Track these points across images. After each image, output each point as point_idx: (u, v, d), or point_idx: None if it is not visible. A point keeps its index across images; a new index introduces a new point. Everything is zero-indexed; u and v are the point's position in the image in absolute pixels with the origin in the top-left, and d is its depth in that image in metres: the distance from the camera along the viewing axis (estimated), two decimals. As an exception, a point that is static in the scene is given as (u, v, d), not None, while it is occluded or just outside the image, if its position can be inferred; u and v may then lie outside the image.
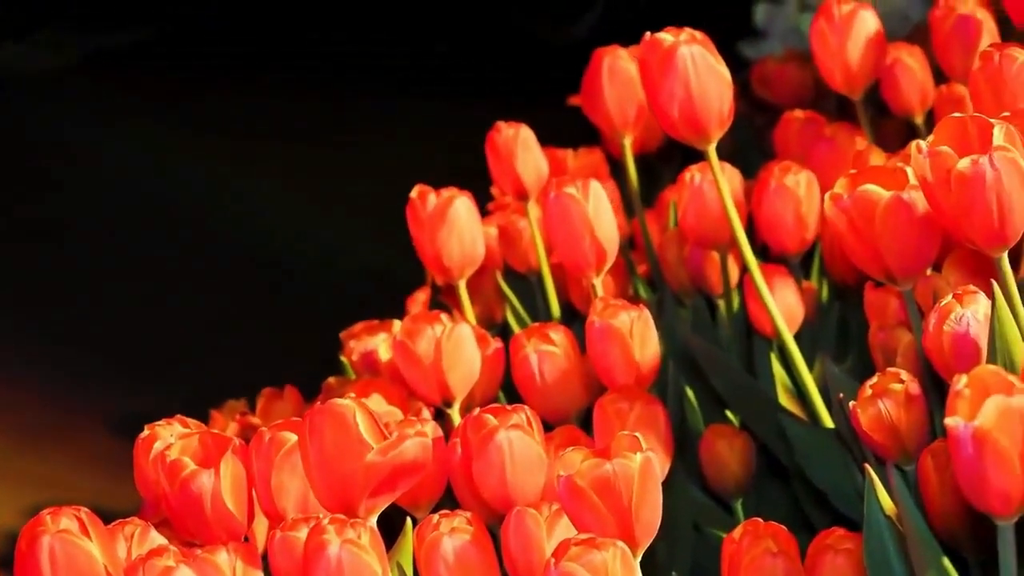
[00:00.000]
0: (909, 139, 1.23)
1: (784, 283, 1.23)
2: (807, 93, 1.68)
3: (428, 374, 1.14)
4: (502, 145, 1.31)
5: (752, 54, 2.00)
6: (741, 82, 1.84)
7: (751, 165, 1.46)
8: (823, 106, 1.63)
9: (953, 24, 1.24)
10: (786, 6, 2.07)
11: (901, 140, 1.43)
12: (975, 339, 0.95)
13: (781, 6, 2.07)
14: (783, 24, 2.05)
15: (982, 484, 0.78)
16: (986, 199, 0.92)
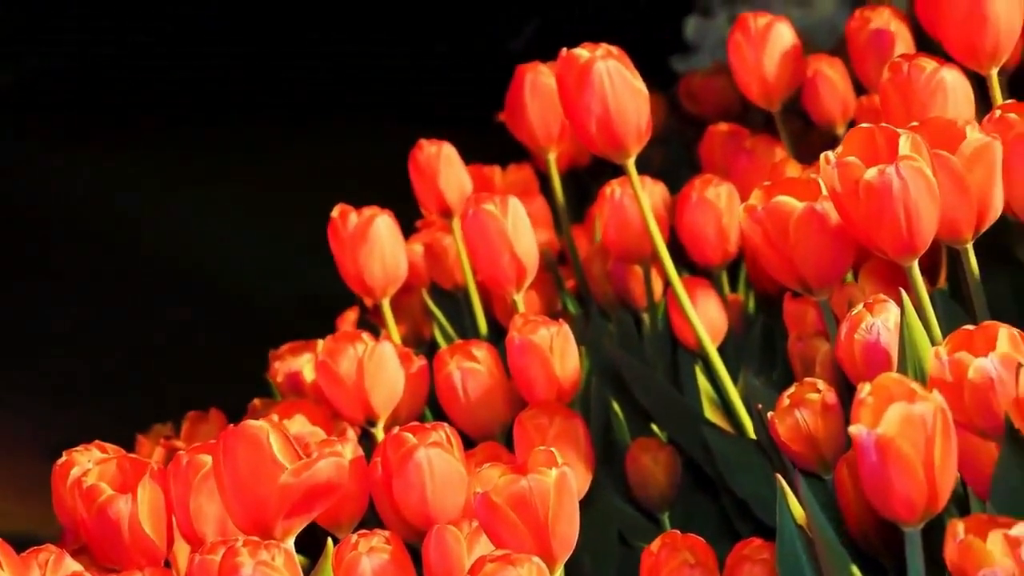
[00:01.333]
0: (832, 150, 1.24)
1: (707, 296, 1.23)
2: (734, 106, 1.69)
3: (351, 394, 1.14)
4: (424, 163, 1.31)
5: (683, 68, 2.01)
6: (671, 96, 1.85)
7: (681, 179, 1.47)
8: (750, 119, 1.64)
9: (868, 36, 1.25)
10: (716, 20, 2.08)
11: (825, 151, 1.44)
12: (886, 347, 0.96)
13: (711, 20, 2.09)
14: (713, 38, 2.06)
15: (887, 491, 0.79)
16: (894, 209, 0.93)
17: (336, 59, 2.50)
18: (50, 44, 2.51)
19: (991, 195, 0.98)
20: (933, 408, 0.78)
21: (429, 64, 2.43)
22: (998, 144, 0.97)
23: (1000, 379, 0.84)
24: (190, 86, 2.38)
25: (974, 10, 1.05)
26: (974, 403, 0.86)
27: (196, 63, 2.40)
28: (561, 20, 2.42)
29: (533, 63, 1.35)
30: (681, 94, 1.75)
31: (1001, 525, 0.78)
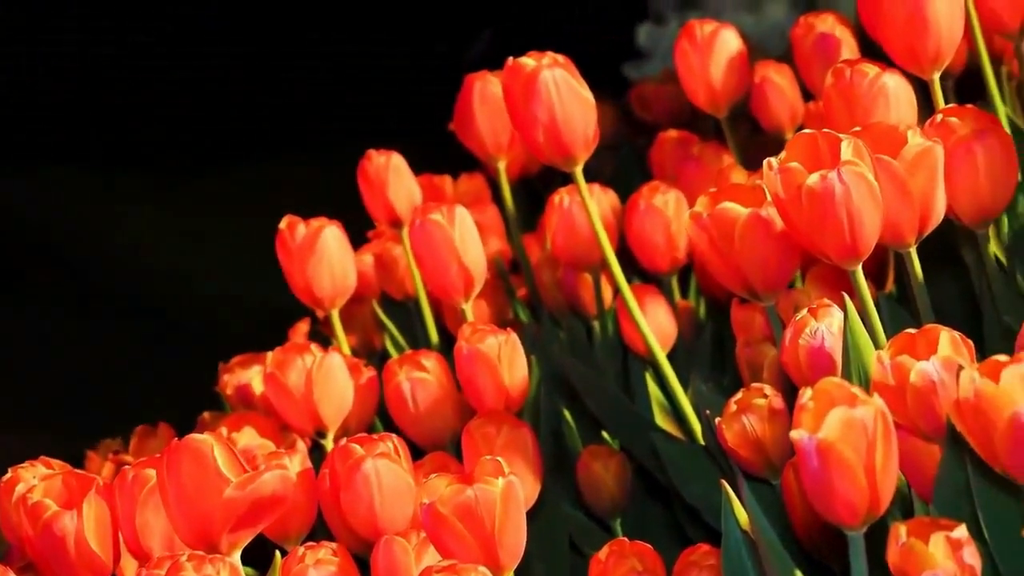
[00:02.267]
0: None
1: (656, 303, 1.23)
2: (685, 113, 1.69)
3: (300, 405, 1.13)
4: (373, 173, 1.31)
5: (636, 75, 2.02)
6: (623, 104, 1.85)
7: (633, 186, 1.47)
8: (701, 126, 1.64)
9: (814, 42, 1.25)
10: (668, 27, 2.09)
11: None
12: (830, 352, 0.96)
13: (664, 27, 2.09)
14: (666, 45, 2.07)
15: (829, 495, 0.79)
16: (836, 214, 0.94)
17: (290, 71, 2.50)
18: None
19: (933, 199, 0.98)
20: (873, 412, 0.79)
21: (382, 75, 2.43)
22: (939, 148, 0.98)
23: (942, 382, 0.85)
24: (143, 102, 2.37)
25: (915, 15, 1.05)
26: (916, 406, 0.86)
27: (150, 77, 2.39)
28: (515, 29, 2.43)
29: (482, 72, 1.35)
30: (633, 101, 1.75)
31: (943, 527, 0.79)
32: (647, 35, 2.09)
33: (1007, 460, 0.79)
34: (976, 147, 1.00)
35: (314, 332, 1.46)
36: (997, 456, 0.80)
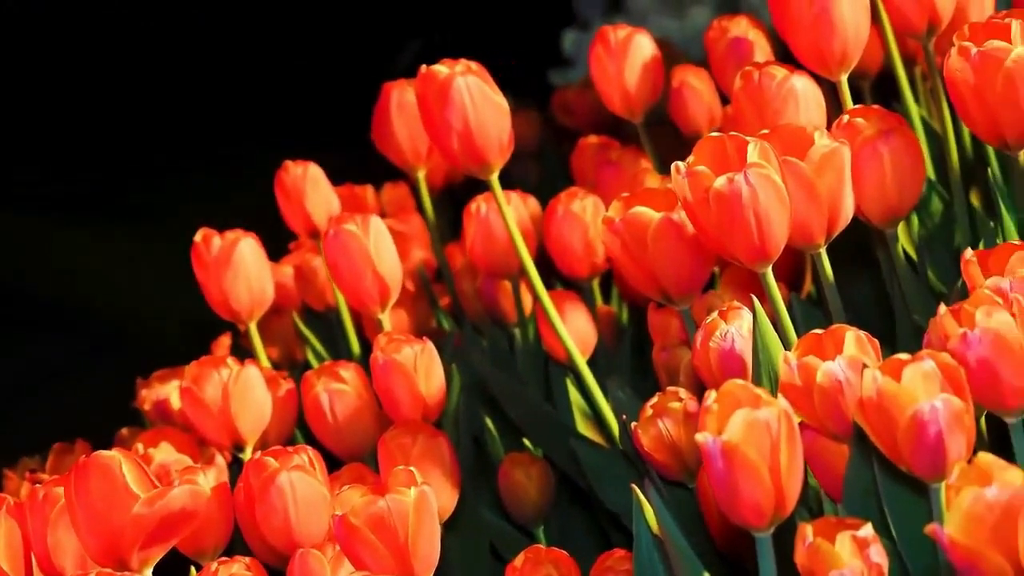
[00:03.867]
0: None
1: (575, 309, 1.23)
2: (607, 118, 1.69)
3: (217, 419, 1.13)
4: (291, 184, 1.31)
5: (561, 82, 2.02)
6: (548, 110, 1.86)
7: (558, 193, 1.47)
8: (624, 131, 1.65)
9: (727, 45, 1.26)
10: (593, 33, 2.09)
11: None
12: (740, 354, 0.96)
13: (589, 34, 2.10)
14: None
15: (735, 497, 0.79)
16: (744, 216, 0.94)
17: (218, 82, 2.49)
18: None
19: (841, 199, 0.99)
20: (777, 413, 0.79)
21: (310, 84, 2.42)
22: (846, 149, 0.98)
23: (848, 382, 0.85)
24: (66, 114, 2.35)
25: (821, 17, 1.06)
26: (823, 406, 0.86)
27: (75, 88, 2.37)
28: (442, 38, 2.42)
29: (399, 81, 1.35)
30: (555, 108, 1.75)
31: (849, 527, 0.79)
32: (572, 42, 2.10)
33: (910, 458, 0.80)
34: (882, 147, 1.01)
35: (236, 345, 1.45)
36: (901, 454, 0.80)
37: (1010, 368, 0.82)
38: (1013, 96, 0.97)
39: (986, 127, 1.00)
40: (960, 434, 0.79)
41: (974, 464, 0.75)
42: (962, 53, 0.98)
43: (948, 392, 0.79)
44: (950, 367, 0.80)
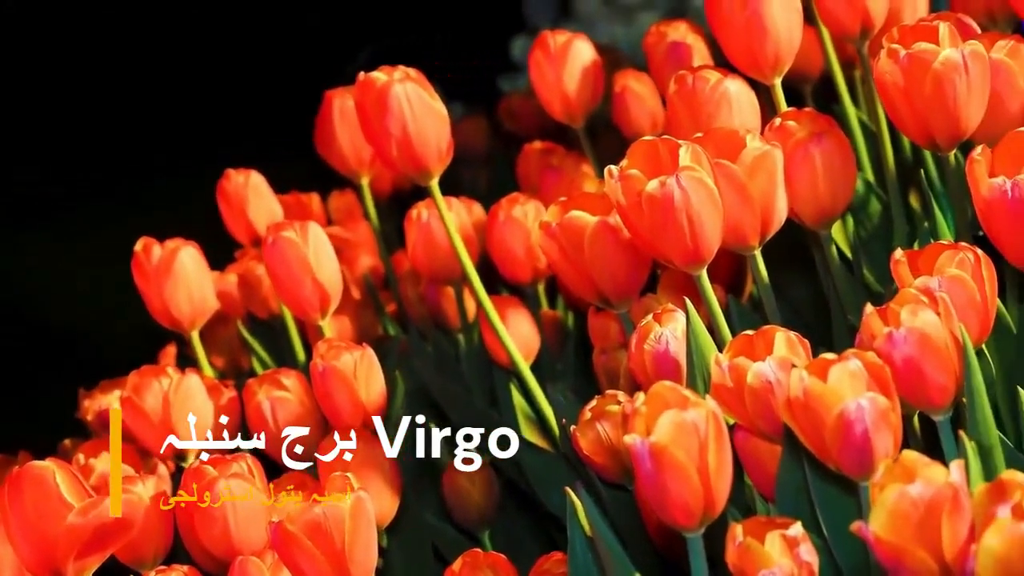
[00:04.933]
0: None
1: (518, 313, 1.24)
2: (554, 124, 1.70)
3: (157, 429, 1.13)
4: (233, 193, 1.31)
5: (510, 88, 2.02)
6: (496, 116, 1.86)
7: (505, 198, 1.47)
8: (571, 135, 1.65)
9: (666, 50, 1.26)
10: (543, 40, 2.09)
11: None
12: (675, 356, 0.97)
13: (537, 40, 2.10)
14: (540, 57, 2.07)
15: (664, 498, 0.80)
16: (677, 219, 0.95)
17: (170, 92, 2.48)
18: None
19: (774, 201, 0.99)
20: (705, 414, 0.80)
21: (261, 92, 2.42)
22: (778, 152, 0.99)
23: (778, 382, 0.86)
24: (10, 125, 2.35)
25: (753, 21, 1.07)
26: (754, 407, 0.87)
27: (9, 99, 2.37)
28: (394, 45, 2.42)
29: (340, 88, 1.35)
30: (502, 113, 1.76)
31: (779, 526, 0.80)
32: (521, 48, 2.10)
33: (838, 456, 0.80)
34: (813, 149, 1.02)
35: (183, 355, 1.45)
36: (829, 453, 0.81)
37: (935, 366, 0.83)
38: (941, 98, 0.98)
39: (916, 129, 1.01)
40: (886, 432, 0.80)
41: (899, 462, 0.76)
42: (891, 56, 0.99)
43: (874, 391, 0.80)
44: (876, 366, 0.81)
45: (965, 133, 1.00)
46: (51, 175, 2.26)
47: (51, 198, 2.22)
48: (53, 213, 2.21)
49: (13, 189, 2.21)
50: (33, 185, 2.23)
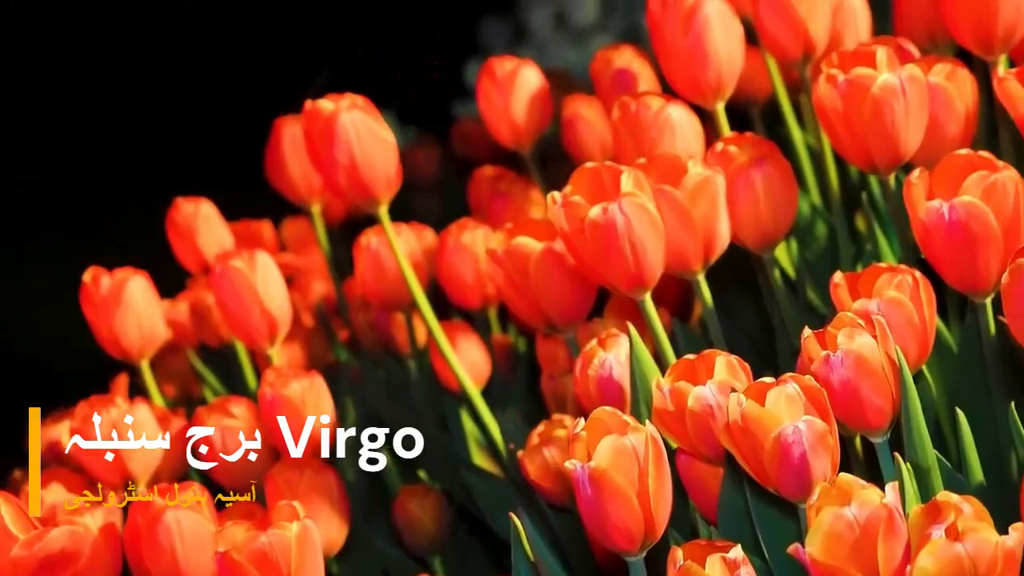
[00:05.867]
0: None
1: (468, 339, 1.24)
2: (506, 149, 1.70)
3: (107, 459, 1.12)
4: (182, 222, 1.31)
5: (464, 113, 2.03)
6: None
7: (459, 223, 1.48)
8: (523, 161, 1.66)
9: (612, 76, 1.27)
10: (497, 65, 2.10)
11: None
12: (618, 381, 0.97)
13: (492, 65, 2.11)
14: (494, 82, 2.08)
15: (605, 522, 0.80)
16: (619, 245, 0.95)
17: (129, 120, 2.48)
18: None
19: (716, 226, 1.00)
20: (644, 439, 0.80)
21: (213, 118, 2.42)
22: (720, 177, 1.00)
23: (719, 406, 0.86)
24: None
25: (694, 48, 1.08)
26: (696, 431, 0.87)
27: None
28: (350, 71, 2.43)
29: (290, 116, 1.35)
30: (454, 138, 1.77)
31: (719, 549, 0.80)
32: (475, 73, 2.10)
33: (777, 479, 0.81)
34: (755, 174, 1.03)
35: (136, 384, 1.45)
36: (768, 476, 0.81)
37: (872, 389, 0.84)
38: (880, 122, 0.99)
39: (856, 152, 1.02)
40: (824, 455, 0.80)
41: (835, 484, 0.77)
42: (830, 81, 1.00)
43: (812, 414, 0.81)
44: (813, 389, 0.82)
45: (904, 156, 1.01)
46: (7, 205, 2.26)
47: (7, 228, 2.21)
48: (10, 242, 2.20)
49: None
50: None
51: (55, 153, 2.33)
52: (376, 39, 2.39)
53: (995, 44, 1.03)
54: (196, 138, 2.45)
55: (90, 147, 2.34)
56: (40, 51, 2.36)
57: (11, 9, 2.32)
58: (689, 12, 1.08)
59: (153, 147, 2.44)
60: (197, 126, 2.48)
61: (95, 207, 2.23)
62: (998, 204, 0.91)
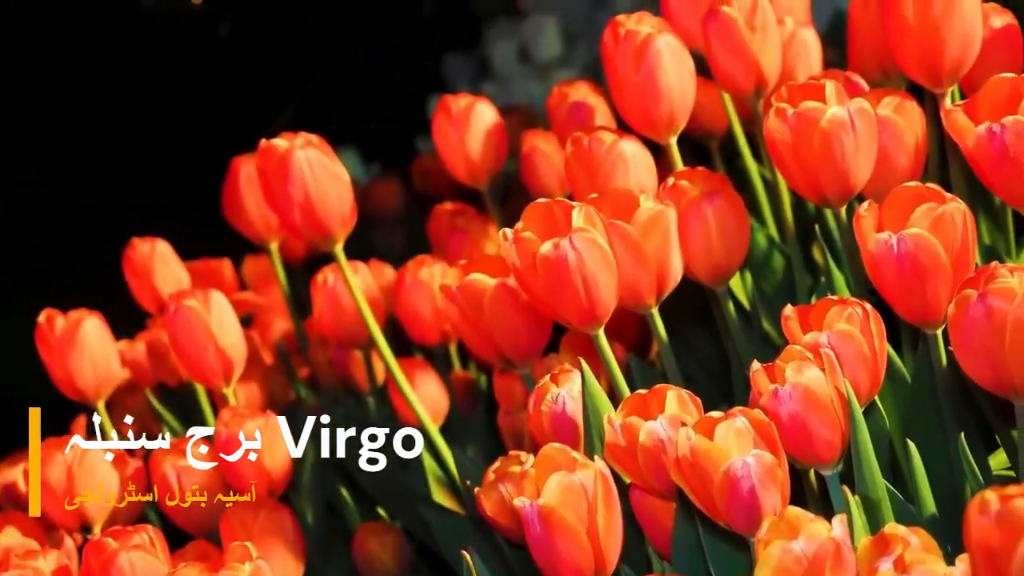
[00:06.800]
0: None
1: (426, 376, 1.24)
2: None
3: (62, 501, 1.12)
4: (138, 261, 1.31)
5: (427, 148, 2.03)
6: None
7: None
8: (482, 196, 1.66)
9: (568, 110, 1.27)
10: (460, 100, 2.10)
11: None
12: (572, 416, 0.97)
13: (455, 100, 2.11)
14: (457, 117, 2.08)
15: (555, 559, 0.80)
16: (571, 280, 0.95)
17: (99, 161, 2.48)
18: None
19: (669, 260, 1.00)
20: (594, 475, 0.80)
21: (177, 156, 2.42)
22: (671, 211, 1.00)
23: (670, 440, 0.86)
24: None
25: (647, 82, 1.08)
26: (647, 466, 0.87)
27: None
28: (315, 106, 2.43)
29: (247, 155, 1.35)
30: (415, 174, 1.77)
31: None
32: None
33: (726, 513, 0.81)
34: (706, 208, 1.03)
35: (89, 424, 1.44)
36: (718, 510, 0.81)
37: (821, 422, 0.84)
38: (830, 155, 0.99)
39: (807, 186, 1.02)
40: (773, 488, 0.80)
41: (783, 518, 0.77)
42: (779, 115, 1.00)
43: (761, 448, 0.81)
44: (762, 423, 0.82)
45: (855, 189, 1.02)
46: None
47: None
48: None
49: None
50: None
51: (19, 192, 2.32)
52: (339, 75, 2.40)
53: (943, 77, 1.04)
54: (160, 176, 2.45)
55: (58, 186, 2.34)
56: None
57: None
58: (641, 47, 1.09)
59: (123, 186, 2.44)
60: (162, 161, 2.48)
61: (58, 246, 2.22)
62: (946, 235, 0.91)
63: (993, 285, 0.84)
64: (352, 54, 2.44)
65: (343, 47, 2.45)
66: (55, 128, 2.37)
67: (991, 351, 0.84)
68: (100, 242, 1.71)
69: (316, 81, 2.38)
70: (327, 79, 2.39)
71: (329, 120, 1.72)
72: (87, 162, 2.36)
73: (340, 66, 2.41)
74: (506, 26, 2.34)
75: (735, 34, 1.11)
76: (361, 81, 2.37)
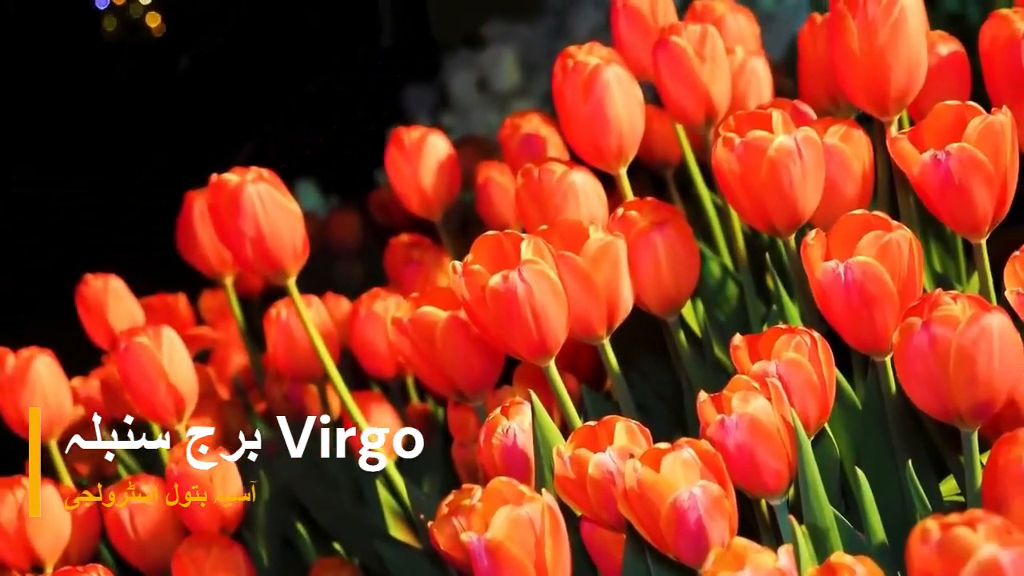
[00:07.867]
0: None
1: (381, 409, 1.24)
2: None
3: (13, 540, 1.11)
4: (91, 297, 1.30)
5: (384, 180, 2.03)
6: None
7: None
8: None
9: (520, 142, 1.28)
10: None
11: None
12: (523, 449, 0.97)
13: (415, 131, 2.11)
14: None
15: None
16: (521, 312, 0.95)
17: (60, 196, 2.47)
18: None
19: (619, 291, 1.00)
20: (541, 509, 0.80)
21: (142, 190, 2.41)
22: (621, 242, 1.00)
23: (619, 472, 0.86)
24: None
25: (595, 113, 1.08)
26: (597, 498, 0.87)
27: None
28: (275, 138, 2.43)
29: (200, 190, 1.35)
30: (372, 206, 1.77)
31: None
32: (398, 140, 2.11)
33: (674, 545, 0.81)
34: (656, 238, 1.03)
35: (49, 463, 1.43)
36: (666, 542, 0.81)
37: (768, 452, 0.84)
38: (777, 184, 1.00)
39: (756, 214, 1.02)
40: (721, 519, 0.80)
41: (729, 548, 0.77)
42: (727, 144, 1.00)
43: (708, 479, 0.81)
44: (708, 454, 0.82)
45: (803, 217, 1.02)
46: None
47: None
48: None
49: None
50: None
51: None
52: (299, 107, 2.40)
53: (889, 105, 1.04)
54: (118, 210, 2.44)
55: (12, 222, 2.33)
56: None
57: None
58: (589, 78, 1.09)
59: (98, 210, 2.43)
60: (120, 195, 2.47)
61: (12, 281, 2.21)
62: (893, 263, 0.91)
63: (937, 312, 0.84)
64: (312, 85, 2.44)
65: (303, 78, 2.45)
66: (6, 160, 2.36)
67: (936, 379, 0.84)
68: (54, 278, 1.70)
69: (276, 113, 2.38)
70: (287, 111, 2.39)
71: (289, 152, 1.72)
72: (42, 196, 2.35)
73: (300, 97, 2.41)
74: (465, 57, 2.35)
75: (684, 64, 1.12)
76: (320, 112, 2.37)
